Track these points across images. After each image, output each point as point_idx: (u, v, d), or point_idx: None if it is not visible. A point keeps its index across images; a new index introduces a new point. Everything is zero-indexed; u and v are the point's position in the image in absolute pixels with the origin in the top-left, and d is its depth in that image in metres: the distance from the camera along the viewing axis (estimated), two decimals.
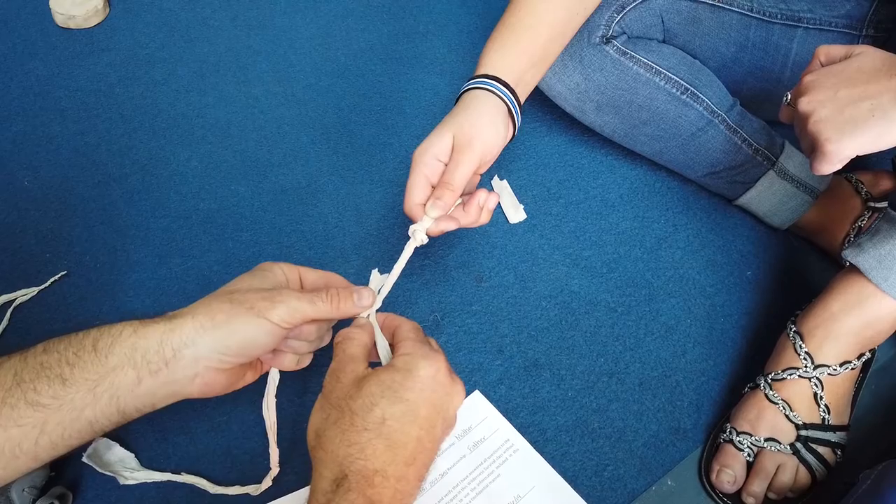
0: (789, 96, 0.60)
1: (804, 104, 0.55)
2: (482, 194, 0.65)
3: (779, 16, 0.86)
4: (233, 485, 0.67)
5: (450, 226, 0.63)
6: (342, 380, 0.51)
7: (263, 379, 0.61)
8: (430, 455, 0.50)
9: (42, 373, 0.46)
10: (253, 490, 0.66)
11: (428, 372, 0.50)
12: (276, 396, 0.62)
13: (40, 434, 0.46)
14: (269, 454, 0.65)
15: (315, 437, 0.50)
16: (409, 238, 0.63)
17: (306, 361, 0.60)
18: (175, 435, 0.70)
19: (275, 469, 0.65)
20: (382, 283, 0.62)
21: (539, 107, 0.98)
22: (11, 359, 0.48)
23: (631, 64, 0.82)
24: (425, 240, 0.63)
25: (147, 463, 0.68)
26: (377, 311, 0.60)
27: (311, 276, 0.59)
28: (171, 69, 1.04)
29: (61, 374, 0.47)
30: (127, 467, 0.67)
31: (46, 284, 0.80)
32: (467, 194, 0.66)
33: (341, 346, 0.54)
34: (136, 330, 0.49)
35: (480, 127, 0.64)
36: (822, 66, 0.58)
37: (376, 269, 0.63)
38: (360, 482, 0.46)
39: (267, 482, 0.66)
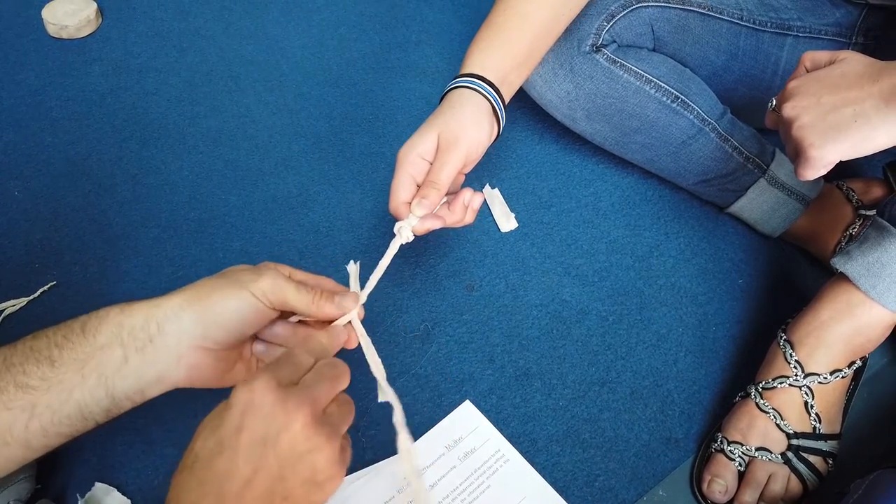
0: (774, 102, 0.60)
1: (788, 110, 0.55)
2: (467, 193, 0.65)
3: (768, 24, 0.86)
4: None
5: (435, 224, 0.63)
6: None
7: None
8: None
9: (31, 356, 0.47)
10: None
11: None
12: None
13: (30, 418, 0.46)
14: None
15: None
16: (394, 236, 0.63)
17: None
18: (162, 447, 0.70)
19: None
20: (354, 272, 0.61)
21: (530, 115, 0.98)
22: (1, 348, 0.48)
23: (621, 72, 0.82)
24: (411, 237, 0.63)
25: (135, 476, 0.68)
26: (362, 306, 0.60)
27: (301, 275, 0.58)
28: (163, 79, 1.04)
29: (50, 356, 0.47)
30: None
31: (36, 295, 0.79)
32: (452, 193, 0.66)
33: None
34: (123, 309, 0.49)
35: (465, 126, 0.64)
36: (808, 71, 0.58)
37: (352, 261, 0.62)
38: None
39: None
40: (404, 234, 0.62)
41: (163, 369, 0.49)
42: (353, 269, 0.62)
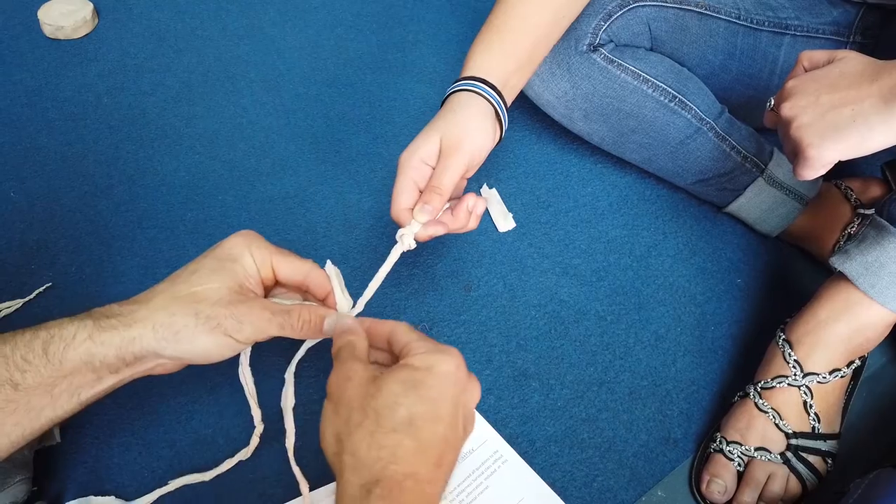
0: (773, 101, 0.60)
1: (786, 109, 0.55)
2: (471, 199, 0.64)
3: (766, 23, 0.86)
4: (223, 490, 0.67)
5: (438, 231, 0.62)
6: (354, 380, 0.49)
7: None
8: (454, 454, 0.48)
9: None
10: (243, 454, 0.67)
11: (448, 368, 0.48)
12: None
13: None
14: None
15: (336, 441, 0.48)
16: (396, 243, 0.63)
17: None
18: (159, 448, 0.69)
19: (259, 426, 0.65)
20: (335, 274, 0.59)
21: (528, 115, 0.98)
22: None
23: (618, 72, 0.81)
24: (413, 245, 0.62)
25: (132, 478, 0.67)
26: (358, 315, 0.60)
27: (287, 268, 0.56)
28: (160, 79, 1.04)
29: (11, 379, 0.45)
30: None
31: (31, 296, 0.79)
32: (454, 199, 0.66)
33: (344, 350, 0.52)
34: (91, 336, 0.48)
35: (468, 129, 0.64)
36: (806, 70, 0.58)
37: (329, 261, 0.60)
38: (393, 488, 0.44)
39: (254, 440, 0.66)
40: (406, 241, 0.62)
41: (139, 376, 0.52)
42: (332, 270, 0.59)
